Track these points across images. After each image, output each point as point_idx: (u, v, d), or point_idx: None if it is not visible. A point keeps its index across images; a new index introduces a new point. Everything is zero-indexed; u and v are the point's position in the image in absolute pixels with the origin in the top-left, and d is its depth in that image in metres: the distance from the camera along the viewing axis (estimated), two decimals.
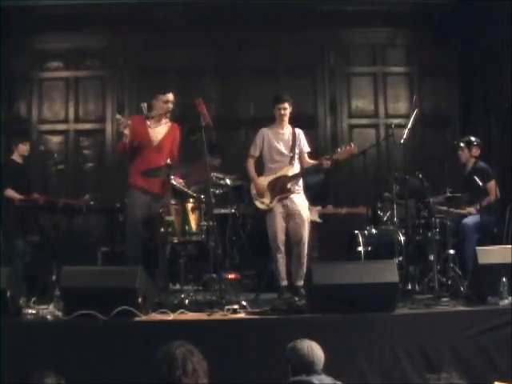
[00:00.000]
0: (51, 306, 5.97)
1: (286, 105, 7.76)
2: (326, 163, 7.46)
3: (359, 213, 8.77)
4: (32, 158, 9.03)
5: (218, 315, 5.84)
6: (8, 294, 5.82)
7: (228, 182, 7.68)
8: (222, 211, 8.05)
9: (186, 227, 6.83)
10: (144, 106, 7.18)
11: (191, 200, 6.97)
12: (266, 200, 7.52)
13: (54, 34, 10.62)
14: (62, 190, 8.33)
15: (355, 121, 10.66)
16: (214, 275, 6.87)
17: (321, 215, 8.87)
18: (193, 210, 6.88)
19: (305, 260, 7.43)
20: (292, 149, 7.71)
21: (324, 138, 10.38)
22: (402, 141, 7.18)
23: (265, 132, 7.81)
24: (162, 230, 6.85)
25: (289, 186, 7.52)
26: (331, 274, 5.80)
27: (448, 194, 7.46)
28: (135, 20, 10.36)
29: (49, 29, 10.51)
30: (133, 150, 7.24)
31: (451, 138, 10.02)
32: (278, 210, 7.49)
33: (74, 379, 4.14)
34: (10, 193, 8.20)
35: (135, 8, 10.31)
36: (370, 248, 7.76)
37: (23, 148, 8.64)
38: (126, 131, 7.10)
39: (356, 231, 7.96)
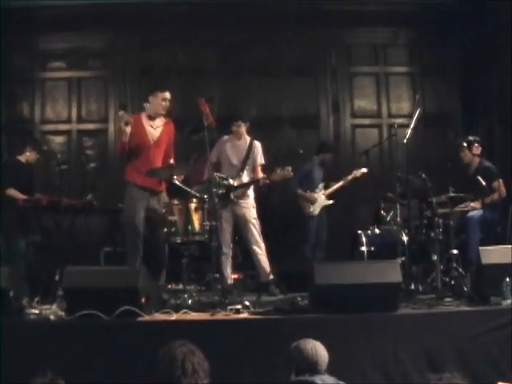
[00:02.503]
0: (54, 306, 5.97)
1: (241, 123, 8.11)
2: (263, 181, 7.77)
3: (362, 177, 9.02)
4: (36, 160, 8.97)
5: (220, 315, 5.84)
6: (11, 294, 5.83)
7: (231, 182, 7.68)
8: None
9: (189, 227, 6.86)
10: (147, 105, 7.20)
11: (194, 200, 6.98)
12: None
13: (55, 35, 10.61)
14: (65, 190, 8.30)
15: (358, 121, 10.66)
16: (217, 275, 6.86)
17: (329, 196, 9.03)
18: (196, 209, 6.91)
19: (261, 257, 7.75)
20: (244, 160, 8.03)
21: (327, 138, 10.35)
22: (404, 141, 7.19)
23: (223, 141, 8.07)
24: (165, 229, 6.86)
25: (231, 195, 7.74)
26: (334, 273, 5.80)
27: (451, 194, 7.45)
28: (137, 20, 10.36)
29: (51, 29, 10.51)
30: (130, 149, 7.23)
31: (453, 138, 10.01)
32: (224, 214, 7.69)
33: (76, 379, 4.16)
34: (13, 192, 8.19)
35: (137, 8, 10.30)
36: (373, 248, 7.80)
37: (34, 155, 8.67)
38: (128, 129, 7.09)
39: (359, 231, 8.00)
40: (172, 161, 7.11)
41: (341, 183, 9.02)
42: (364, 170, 8.99)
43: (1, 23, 9.98)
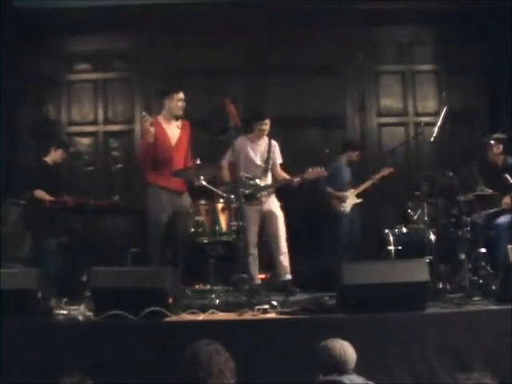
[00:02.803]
0: (82, 307, 6.02)
1: (268, 121, 8.07)
2: (297, 181, 7.79)
3: (389, 176, 9.03)
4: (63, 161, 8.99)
5: (248, 315, 5.84)
6: (39, 294, 5.86)
7: (257, 181, 7.68)
8: None
9: (216, 227, 6.89)
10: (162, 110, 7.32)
11: (221, 200, 6.99)
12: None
13: (81, 37, 10.66)
14: (92, 191, 8.37)
15: (384, 119, 10.60)
16: (244, 275, 6.87)
17: (358, 195, 9.09)
18: (223, 210, 6.94)
19: (283, 255, 7.74)
20: (266, 160, 8.03)
21: (353, 137, 10.31)
22: (431, 139, 7.16)
23: (241, 141, 7.97)
24: (192, 229, 6.89)
25: (259, 195, 7.76)
26: (361, 273, 5.77)
27: (478, 192, 7.40)
28: (160, 21, 10.37)
29: (76, 31, 10.56)
30: (152, 152, 7.27)
31: (480, 136, 9.92)
32: (251, 214, 7.66)
33: (103, 379, 4.17)
34: (40, 194, 8.23)
35: (160, 9, 10.30)
36: (400, 247, 7.77)
37: (60, 155, 8.68)
38: (152, 130, 7.14)
39: (386, 230, 7.98)
40: (198, 161, 7.11)
41: (369, 182, 9.01)
42: (391, 168, 8.98)
43: (27, 26, 10.06)
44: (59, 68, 10.75)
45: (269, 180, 7.97)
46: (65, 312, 6.03)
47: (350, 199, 9.01)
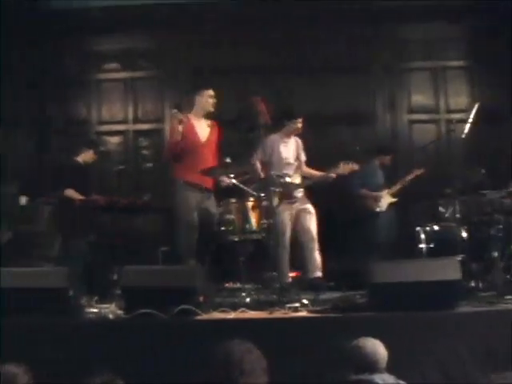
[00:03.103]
0: (112, 305, 6.06)
1: (301, 119, 8.04)
2: (331, 176, 7.77)
3: (422, 175, 9.00)
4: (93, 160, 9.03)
5: (278, 314, 5.83)
6: (70, 293, 5.88)
7: (288, 180, 7.67)
8: None
9: (247, 226, 6.89)
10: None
11: (251, 198, 7.00)
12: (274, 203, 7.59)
13: (108, 36, 10.75)
14: (122, 190, 8.40)
15: (415, 116, 10.54)
16: (275, 273, 6.86)
17: (393, 195, 9.07)
18: (253, 208, 6.94)
19: (314, 252, 7.77)
20: (296, 158, 8.06)
21: (383, 134, 10.27)
22: (463, 136, 7.10)
23: (272, 140, 7.90)
24: (223, 228, 6.90)
25: (294, 193, 7.76)
26: (392, 271, 5.75)
27: (511, 189, 7.34)
28: (187, 19, 10.41)
29: (103, 30, 10.64)
30: (181, 148, 7.29)
31: None
32: (286, 211, 7.70)
33: (134, 379, 4.17)
34: (71, 193, 8.29)
35: (187, 7, 10.34)
36: (431, 245, 7.71)
37: (91, 155, 8.74)
38: (181, 128, 7.16)
39: (417, 228, 7.92)
40: (228, 159, 7.12)
41: (401, 183, 8.98)
42: (422, 169, 8.94)
43: (54, 26, 10.15)
44: (88, 68, 10.85)
45: (299, 177, 7.96)
46: (95, 310, 6.06)
47: (386, 199, 8.99)
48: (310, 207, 7.89)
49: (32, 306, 5.65)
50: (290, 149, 8.02)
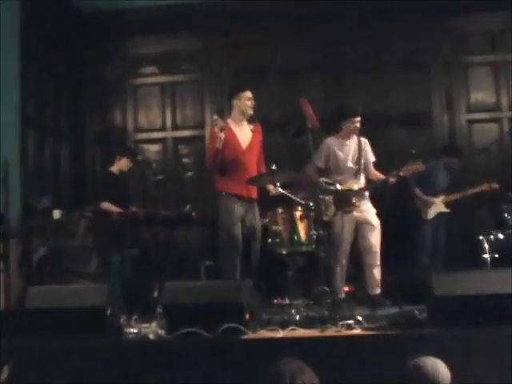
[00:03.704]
0: (153, 325, 6.06)
1: (359, 118, 7.91)
2: (392, 180, 7.63)
3: (485, 190, 8.85)
4: (130, 170, 9.07)
5: (331, 331, 5.79)
6: (108, 312, 5.92)
7: (338, 187, 7.62)
8: None
9: (295, 237, 6.83)
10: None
11: (299, 208, 6.96)
12: (330, 212, 7.52)
13: (146, 38, 10.85)
14: (162, 202, 8.44)
15: (475, 115, 10.39)
16: (326, 288, 6.82)
17: (447, 204, 8.96)
18: (301, 218, 6.87)
19: (375, 268, 7.71)
20: (358, 161, 7.90)
21: (440, 135, 10.17)
22: None
23: (329, 143, 7.88)
24: (269, 240, 6.89)
25: (353, 200, 7.59)
26: (454, 283, 5.67)
27: None
28: (231, 19, 10.44)
29: (141, 32, 10.75)
30: (222, 156, 7.30)
31: None
32: (344, 221, 7.57)
33: None
34: (107, 206, 8.33)
35: (230, 6, 10.36)
36: (496, 254, 7.62)
37: (126, 163, 8.71)
38: (222, 136, 7.16)
39: (481, 236, 7.83)
40: (274, 166, 7.09)
41: (463, 194, 8.88)
42: (494, 185, 8.79)
43: (90, 28, 10.25)
44: (124, 72, 10.96)
45: (362, 183, 7.90)
46: (135, 330, 6.07)
47: (437, 206, 8.90)
48: (372, 218, 7.79)
49: (68, 325, 5.72)
50: (348, 151, 7.95)
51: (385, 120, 10.17)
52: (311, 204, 6.92)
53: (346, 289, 7.91)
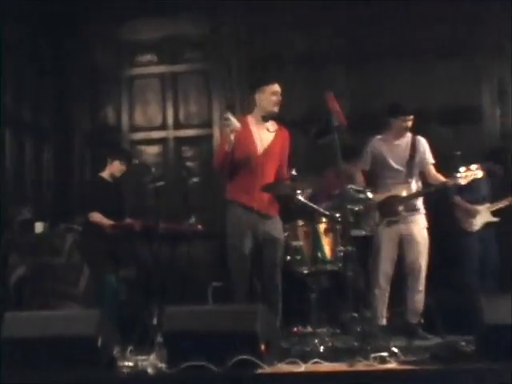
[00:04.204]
0: (152, 357, 6.03)
1: (411, 116, 8.00)
2: (452, 184, 7.75)
3: None
4: (124, 175, 9.03)
5: (361, 365, 5.75)
6: (99, 342, 5.88)
7: (369, 195, 7.58)
8: (364, 233, 7.98)
9: (319, 254, 6.83)
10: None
11: (323, 220, 6.94)
12: (371, 222, 7.50)
13: (144, 21, 10.85)
14: (162, 213, 8.40)
15: None
16: (356, 314, 6.79)
17: (495, 213, 8.99)
18: (326, 232, 6.89)
19: (418, 294, 7.75)
20: (408, 164, 7.92)
21: (491, 134, 10.12)
22: None
23: (376, 143, 7.94)
24: (289, 257, 6.86)
25: (400, 208, 7.61)
26: (508, 310, 5.62)
27: None
28: (243, 1, 10.43)
29: (138, 15, 10.74)
30: (233, 160, 7.21)
31: None
32: (387, 235, 7.68)
33: None
34: (98, 217, 8.32)
35: None
36: None
37: (118, 167, 8.69)
38: (232, 137, 7.07)
39: None
40: (294, 171, 7.06)
41: (510, 200, 8.87)
42: None
43: (76, 9, 10.26)
44: (118, 61, 10.97)
45: (413, 188, 7.92)
46: (131, 363, 6.03)
47: (483, 215, 8.88)
48: (418, 233, 7.81)
49: (52, 358, 5.70)
50: (398, 152, 7.99)
51: (423, 117, 10.05)
52: (337, 215, 6.89)
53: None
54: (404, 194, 7.77)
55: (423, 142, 8.08)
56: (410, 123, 7.97)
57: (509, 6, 10.07)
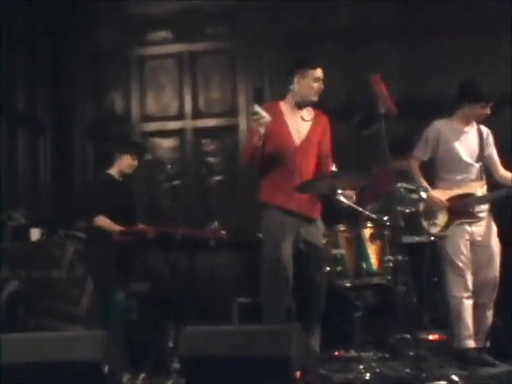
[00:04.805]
0: None
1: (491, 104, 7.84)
2: None
3: None
4: (135, 172, 8.99)
5: None
6: (105, 368, 5.92)
7: (423, 195, 7.59)
8: (416, 239, 7.99)
9: (363, 264, 6.83)
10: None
11: (369, 224, 6.95)
12: (440, 221, 7.49)
13: None
14: (179, 217, 8.45)
15: None
16: (408, 336, 6.80)
17: None
18: (372, 238, 6.88)
19: (487, 310, 7.66)
20: (480, 156, 7.84)
21: None
22: None
23: (440, 128, 7.78)
24: (328, 268, 6.86)
25: (475, 209, 7.63)
26: None
27: None
28: None
29: None
30: (265, 155, 7.24)
31: None
32: (459, 235, 7.59)
33: None
34: (104, 222, 8.29)
35: None
36: None
37: (128, 162, 8.64)
38: (262, 131, 7.08)
39: None
40: (334, 167, 7.08)
41: None
42: None
43: None
44: (127, 39, 10.97)
45: (482, 186, 7.82)
46: None
47: None
48: (494, 239, 7.75)
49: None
50: (468, 142, 7.89)
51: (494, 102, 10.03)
52: (385, 218, 6.89)
53: (434, 336, 7.90)
54: (479, 192, 7.69)
55: (489, 133, 7.99)
56: (487, 111, 7.81)
57: None
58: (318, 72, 7.32)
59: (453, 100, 7.87)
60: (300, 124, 7.37)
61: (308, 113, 7.41)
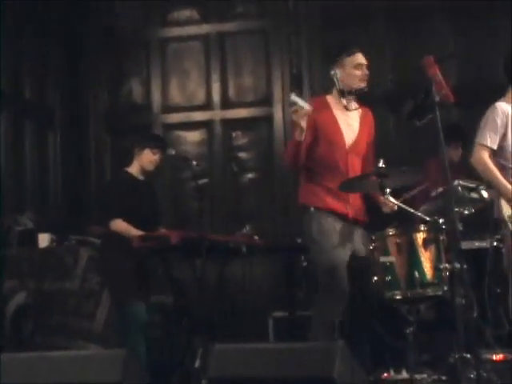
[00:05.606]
0: None
1: None
2: None
3: None
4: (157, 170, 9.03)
5: None
6: None
7: (484, 194, 7.55)
8: (477, 244, 7.96)
9: (416, 273, 6.78)
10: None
11: (422, 228, 6.92)
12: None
13: None
14: (207, 220, 8.46)
15: None
16: (468, 355, 6.79)
17: None
18: (425, 243, 6.83)
19: None
20: None
21: None
22: None
23: (506, 110, 7.63)
24: (376, 278, 6.84)
25: None
26: None
27: None
28: None
29: None
30: (311, 154, 7.21)
31: None
32: None
33: None
34: (122, 226, 8.26)
35: None
36: None
37: (150, 158, 8.56)
38: (304, 123, 7.03)
39: None
40: (381, 163, 7.06)
41: None
42: None
43: None
44: (146, 20, 10.98)
45: None
46: None
47: None
48: None
49: None
50: None
51: None
52: (441, 221, 6.87)
53: (499, 356, 7.87)
54: None
55: None
56: None
57: None
58: (359, 58, 7.26)
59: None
60: (349, 119, 7.31)
61: (353, 105, 7.36)
